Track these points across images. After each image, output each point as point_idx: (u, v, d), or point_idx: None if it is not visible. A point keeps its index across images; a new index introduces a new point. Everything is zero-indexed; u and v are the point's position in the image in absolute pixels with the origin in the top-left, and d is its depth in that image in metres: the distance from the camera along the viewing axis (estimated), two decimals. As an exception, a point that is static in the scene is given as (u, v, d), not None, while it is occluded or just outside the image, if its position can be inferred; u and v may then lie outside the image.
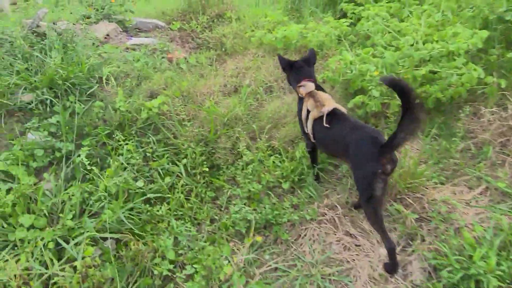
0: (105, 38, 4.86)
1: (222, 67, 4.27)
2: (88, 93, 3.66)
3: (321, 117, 2.40)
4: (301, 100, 2.64)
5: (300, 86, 2.61)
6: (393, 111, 3.05)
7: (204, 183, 3.04)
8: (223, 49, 4.60)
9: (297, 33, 4.08)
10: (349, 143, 2.19)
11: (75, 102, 3.51)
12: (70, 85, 3.60)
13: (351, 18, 4.84)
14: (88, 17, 5.12)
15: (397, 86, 1.84)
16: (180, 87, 3.70)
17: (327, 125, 2.35)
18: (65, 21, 5.11)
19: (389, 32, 3.60)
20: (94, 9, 5.20)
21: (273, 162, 2.98)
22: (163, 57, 4.37)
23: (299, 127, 2.78)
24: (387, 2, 4.71)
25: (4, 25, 4.55)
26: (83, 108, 3.50)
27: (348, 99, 3.59)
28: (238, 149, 3.15)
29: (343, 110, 2.46)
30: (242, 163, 3.02)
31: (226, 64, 4.28)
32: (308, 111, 2.51)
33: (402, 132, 1.85)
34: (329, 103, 2.44)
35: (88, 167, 2.92)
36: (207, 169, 3.07)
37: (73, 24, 4.94)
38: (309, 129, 2.52)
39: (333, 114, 2.39)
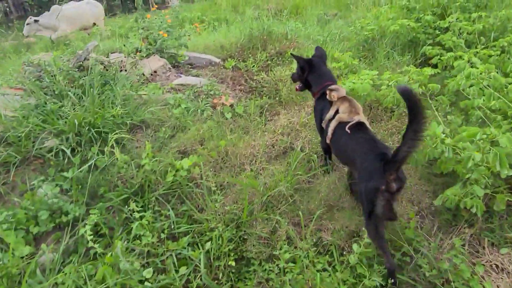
0: (152, 75, 4.47)
1: (273, 120, 3.59)
2: (115, 142, 3.18)
3: (346, 122, 2.36)
4: (324, 99, 2.61)
5: (332, 90, 2.53)
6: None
7: (227, 283, 2.31)
8: (277, 97, 3.94)
9: (369, 85, 3.27)
10: (358, 155, 2.17)
11: (98, 153, 3.05)
12: (96, 132, 3.16)
13: (436, 65, 3.97)
14: (139, 51, 4.80)
15: (408, 97, 1.72)
16: (218, 146, 3.08)
17: (348, 131, 2.32)
18: (117, 53, 4.85)
19: (495, 95, 2.68)
20: (147, 43, 4.88)
21: (320, 272, 2.16)
22: (207, 103, 3.81)
23: (316, 125, 2.77)
24: (483, 48, 3.75)
25: (55, 54, 4.36)
26: (105, 161, 3.01)
27: (431, 180, 2.69)
28: (278, 239, 2.41)
29: (367, 123, 2.43)
30: (280, 264, 2.25)
31: (278, 117, 3.59)
32: (336, 113, 2.47)
33: (405, 145, 1.78)
34: (361, 113, 2.44)
35: (91, 243, 2.37)
36: (233, 263, 2.35)
37: (123, 58, 4.64)
38: (330, 129, 2.46)
39: (357, 124, 2.34)
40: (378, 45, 5.05)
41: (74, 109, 3.43)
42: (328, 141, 2.50)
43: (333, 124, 2.44)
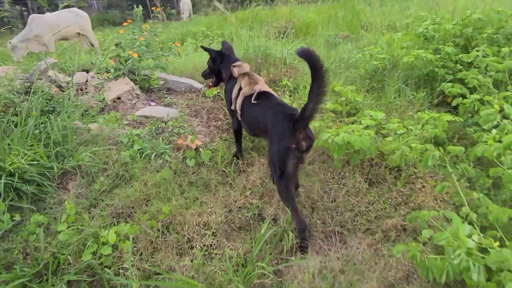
0: (115, 101, 3.77)
1: (246, 172, 2.82)
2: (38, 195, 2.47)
3: (251, 96, 2.44)
4: (232, 79, 2.73)
5: (235, 66, 2.67)
6: None
7: None
8: (256, 140, 3.18)
9: (370, 138, 2.49)
10: (268, 120, 2.21)
11: (8, 210, 2.32)
12: (9, 181, 2.44)
13: (456, 107, 3.22)
14: (107, 71, 4.13)
15: (308, 57, 1.81)
16: (163, 211, 2.32)
17: (254, 102, 2.41)
18: (84, 73, 4.18)
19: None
20: (117, 61, 4.20)
21: None
22: (169, 143, 3.08)
23: (226, 107, 2.87)
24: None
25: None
26: (8, 223, 2.28)
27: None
28: None
29: (273, 92, 2.51)
30: None
31: (251, 169, 2.82)
32: (240, 89, 2.56)
33: (311, 102, 1.87)
34: (262, 83, 2.53)
35: None
36: None
37: (89, 77, 3.96)
38: (238, 106, 2.54)
39: (263, 94, 2.44)
40: (388, 77, 4.28)
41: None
42: (239, 117, 2.61)
43: (239, 100, 2.54)
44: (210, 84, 3.08)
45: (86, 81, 4.07)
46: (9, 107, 3.20)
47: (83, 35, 8.92)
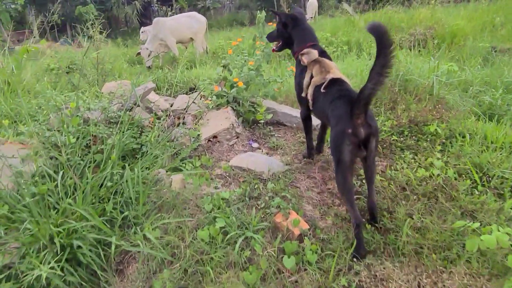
0: (210, 141, 3.10)
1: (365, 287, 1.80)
2: None
3: (322, 84, 2.29)
4: (301, 66, 2.51)
5: (303, 54, 2.45)
6: None
7: None
8: (393, 235, 2.11)
9: None
10: (331, 105, 2.10)
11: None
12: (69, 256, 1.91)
13: None
14: (210, 98, 3.51)
15: (378, 32, 1.67)
16: None
17: (323, 90, 2.25)
18: (185, 96, 3.65)
19: None
20: (222, 87, 3.54)
21: None
22: (265, 217, 2.23)
23: (296, 91, 2.70)
24: None
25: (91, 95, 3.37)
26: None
27: None
28: None
29: (346, 80, 2.30)
30: None
31: (379, 283, 1.79)
32: (311, 77, 2.39)
33: (371, 81, 1.72)
34: (334, 71, 2.32)
35: None
36: None
37: (186, 101, 3.41)
38: (309, 94, 2.40)
39: (334, 81, 2.26)
40: None
41: (61, 199, 2.28)
42: (311, 107, 2.46)
43: (310, 90, 2.39)
44: (274, 48, 2.78)
45: (185, 109, 3.52)
46: (98, 140, 2.79)
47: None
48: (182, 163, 2.80)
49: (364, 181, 2.39)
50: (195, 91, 4.16)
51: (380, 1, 20.19)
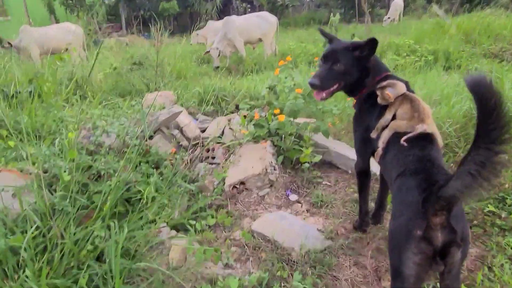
0: (235, 187, 2.47)
1: None
2: None
3: (404, 133, 1.54)
4: (370, 98, 1.76)
5: (383, 87, 1.65)
6: None
7: None
8: None
9: None
10: (398, 176, 1.44)
11: None
12: None
13: None
14: (245, 127, 2.89)
15: (480, 91, 1.07)
16: None
17: (404, 143, 1.49)
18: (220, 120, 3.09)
19: None
20: (265, 114, 2.89)
21: None
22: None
23: (354, 139, 1.94)
24: None
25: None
26: None
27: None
28: None
29: (439, 137, 1.53)
30: None
31: None
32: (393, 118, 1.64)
33: (468, 165, 1.08)
34: (430, 121, 1.55)
35: None
36: None
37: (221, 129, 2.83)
38: (382, 141, 1.61)
39: (422, 137, 1.50)
40: None
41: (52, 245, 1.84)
42: (377, 159, 1.68)
43: (386, 134, 1.61)
44: (324, 94, 1.86)
45: (220, 137, 2.94)
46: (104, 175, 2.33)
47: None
48: (196, 216, 2.23)
49: None
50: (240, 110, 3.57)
51: (479, 3, 17.81)
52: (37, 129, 3.07)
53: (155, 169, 2.54)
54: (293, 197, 2.45)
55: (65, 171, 2.21)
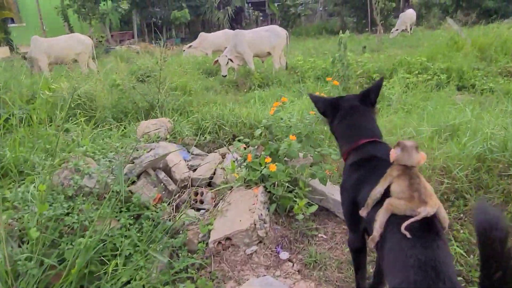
0: (221, 243, 2.26)
1: None
2: None
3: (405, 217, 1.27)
4: (360, 170, 1.56)
5: (396, 146, 1.42)
6: None
7: None
8: None
9: None
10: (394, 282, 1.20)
11: None
12: None
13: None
14: (237, 171, 2.69)
15: (484, 233, 1.02)
16: None
17: (405, 232, 1.21)
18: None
19: None
20: (259, 154, 2.69)
21: None
22: None
23: (343, 209, 1.68)
24: None
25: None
26: None
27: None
28: None
29: (445, 223, 1.31)
30: None
31: None
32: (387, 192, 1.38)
33: None
34: (435, 202, 1.30)
35: None
36: None
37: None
38: (378, 225, 1.33)
39: (424, 224, 1.25)
40: None
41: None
42: (372, 245, 1.38)
43: (381, 217, 1.33)
44: None
45: (212, 178, 2.74)
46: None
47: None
48: (175, 277, 2.03)
49: None
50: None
51: (495, 13, 17.31)
52: (20, 165, 2.94)
53: (136, 219, 2.36)
54: (284, 255, 2.23)
55: (34, 226, 2.04)
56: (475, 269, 2.07)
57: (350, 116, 1.72)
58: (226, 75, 8.75)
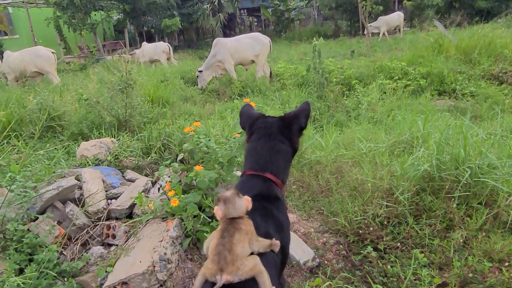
0: (121, 285, 2.03)
1: None
2: None
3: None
4: None
5: (220, 200, 1.22)
6: None
7: None
8: None
9: None
10: None
11: None
12: None
13: None
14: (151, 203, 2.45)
15: None
16: None
17: None
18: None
19: None
20: (180, 180, 2.46)
21: None
22: None
23: None
24: None
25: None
26: None
27: None
28: None
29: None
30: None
31: None
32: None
33: None
34: (239, 269, 1.09)
35: None
36: None
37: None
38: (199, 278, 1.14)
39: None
40: None
41: None
42: None
43: (197, 279, 1.15)
44: None
45: (133, 207, 2.52)
46: None
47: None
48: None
49: None
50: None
51: (488, 13, 17.05)
52: None
53: (30, 261, 2.14)
54: (189, 299, 2.00)
55: None
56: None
57: (257, 140, 1.54)
58: (202, 87, 8.54)
